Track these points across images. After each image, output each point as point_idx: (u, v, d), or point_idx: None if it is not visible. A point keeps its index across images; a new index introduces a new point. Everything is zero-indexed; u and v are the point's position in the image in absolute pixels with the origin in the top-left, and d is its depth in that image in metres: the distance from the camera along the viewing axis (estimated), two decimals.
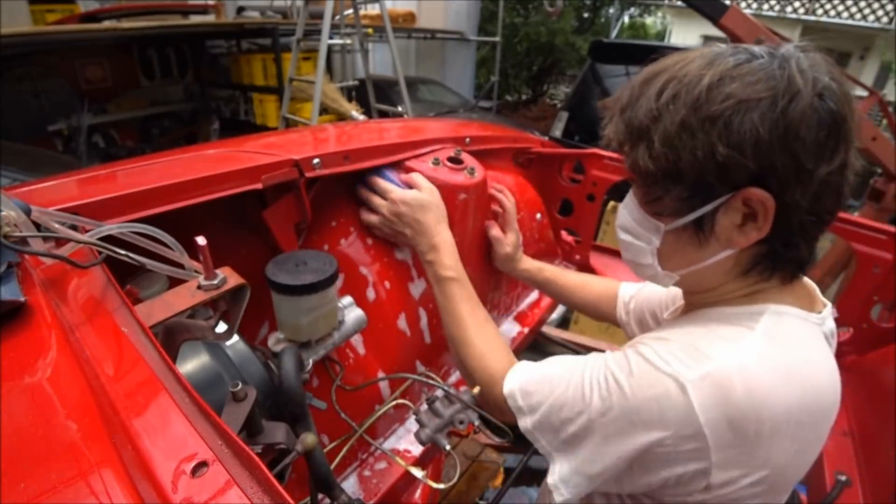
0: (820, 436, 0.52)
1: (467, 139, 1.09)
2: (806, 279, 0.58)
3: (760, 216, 0.47)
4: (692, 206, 0.50)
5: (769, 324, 0.51)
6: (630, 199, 0.58)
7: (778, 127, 0.44)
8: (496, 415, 0.65)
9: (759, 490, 0.48)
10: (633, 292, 0.91)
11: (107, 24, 3.94)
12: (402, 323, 0.88)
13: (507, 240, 1.01)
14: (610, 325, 0.96)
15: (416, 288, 0.92)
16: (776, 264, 0.52)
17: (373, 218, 0.84)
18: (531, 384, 0.60)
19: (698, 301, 0.59)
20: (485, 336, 0.71)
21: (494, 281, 1.11)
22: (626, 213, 0.59)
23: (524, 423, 0.59)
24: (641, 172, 0.51)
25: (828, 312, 0.57)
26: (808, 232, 0.50)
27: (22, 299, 0.43)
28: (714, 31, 2.01)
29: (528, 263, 1.02)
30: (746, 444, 0.46)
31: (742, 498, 0.48)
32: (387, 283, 0.87)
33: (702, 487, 0.48)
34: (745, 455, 0.46)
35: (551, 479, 0.56)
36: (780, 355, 0.49)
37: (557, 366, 0.60)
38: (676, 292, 0.78)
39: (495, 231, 1.03)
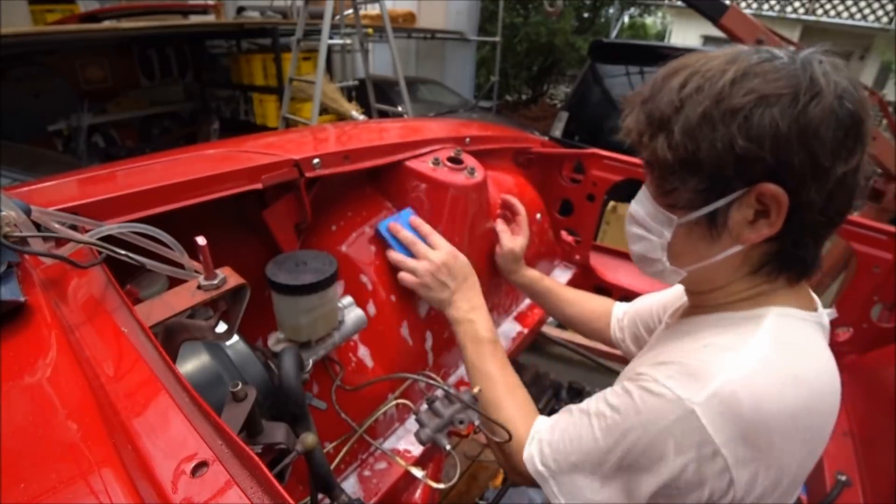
0: (825, 436, 0.52)
1: (467, 139, 1.09)
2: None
3: (773, 212, 0.48)
4: (707, 200, 0.50)
5: (772, 327, 0.51)
6: (643, 193, 0.58)
7: (798, 123, 0.44)
8: (518, 478, 0.65)
9: (776, 495, 0.49)
10: (625, 308, 0.92)
11: (107, 24, 3.93)
12: (404, 330, 0.88)
13: (516, 240, 1.01)
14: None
15: (423, 306, 0.92)
16: (784, 264, 0.52)
17: (409, 279, 0.83)
18: (547, 448, 0.60)
19: (704, 302, 0.59)
20: (515, 401, 0.70)
21: (495, 283, 1.11)
22: (639, 207, 0.59)
23: (547, 489, 0.58)
24: (659, 163, 0.52)
25: (822, 310, 0.57)
26: (817, 232, 0.50)
27: (22, 299, 0.42)
28: (714, 31, 2.01)
29: (531, 270, 1.03)
30: (761, 455, 0.46)
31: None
32: (390, 288, 0.87)
33: (728, 502, 0.48)
34: (763, 465, 0.46)
35: None
36: (784, 360, 0.49)
37: (568, 422, 0.59)
38: (670, 301, 0.78)
39: (503, 226, 1.03)
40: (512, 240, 1.02)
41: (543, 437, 0.61)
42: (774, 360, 0.48)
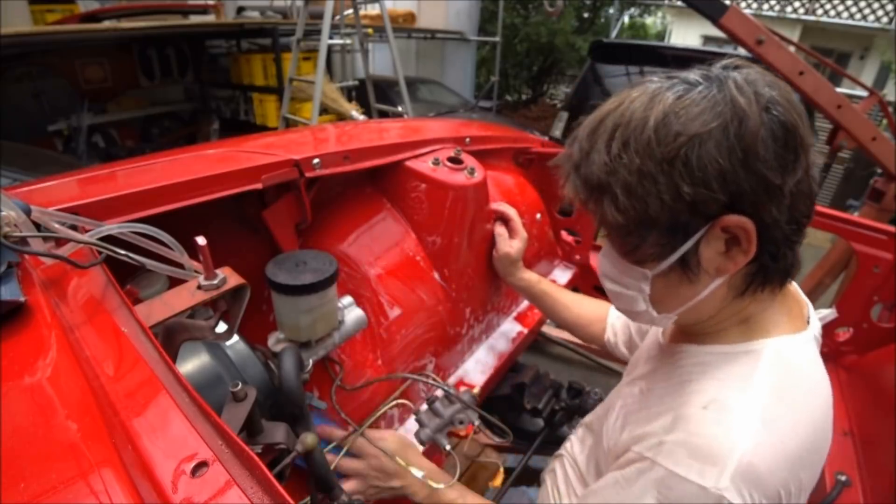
0: (825, 455, 0.52)
1: (467, 139, 1.09)
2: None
3: (744, 240, 0.46)
4: (673, 247, 0.49)
5: (768, 369, 0.50)
6: (609, 249, 0.56)
7: (736, 152, 0.43)
8: None
9: None
10: (618, 312, 0.91)
11: (107, 24, 3.93)
12: (405, 329, 0.88)
13: (513, 244, 1.01)
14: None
15: None
16: (767, 278, 0.52)
17: (353, 485, 0.71)
18: None
19: (696, 330, 0.58)
20: None
21: (494, 284, 1.11)
22: (609, 265, 0.57)
23: None
24: (613, 226, 0.51)
25: (814, 318, 0.57)
26: (790, 240, 0.49)
27: (22, 299, 0.43)
28: (714, 31, 2.01)
29: (528, 273, 1.03)
30: (770, 496, 0.45)
31: None
32: (390, 287, 0.86)
33: None
34: (767, 499, 0.46)
35: None
36: (783, 410, 0.48)
37: None
38: None
39: (501, 228, 1.03)
40: (508, 244, 1.01)
41: None
42: (774, 411, 0.48)
